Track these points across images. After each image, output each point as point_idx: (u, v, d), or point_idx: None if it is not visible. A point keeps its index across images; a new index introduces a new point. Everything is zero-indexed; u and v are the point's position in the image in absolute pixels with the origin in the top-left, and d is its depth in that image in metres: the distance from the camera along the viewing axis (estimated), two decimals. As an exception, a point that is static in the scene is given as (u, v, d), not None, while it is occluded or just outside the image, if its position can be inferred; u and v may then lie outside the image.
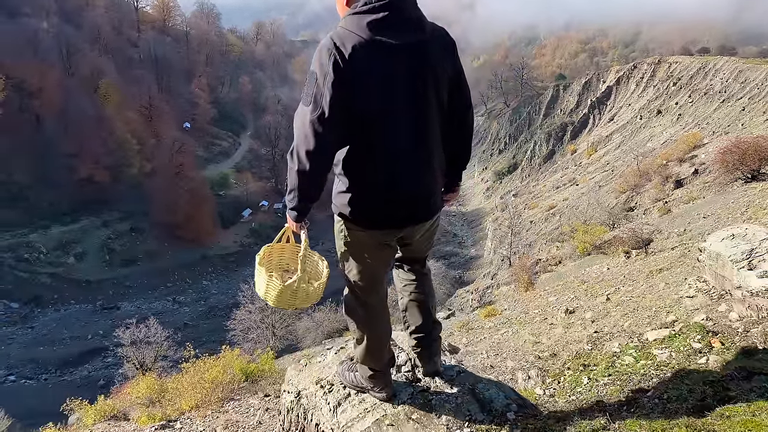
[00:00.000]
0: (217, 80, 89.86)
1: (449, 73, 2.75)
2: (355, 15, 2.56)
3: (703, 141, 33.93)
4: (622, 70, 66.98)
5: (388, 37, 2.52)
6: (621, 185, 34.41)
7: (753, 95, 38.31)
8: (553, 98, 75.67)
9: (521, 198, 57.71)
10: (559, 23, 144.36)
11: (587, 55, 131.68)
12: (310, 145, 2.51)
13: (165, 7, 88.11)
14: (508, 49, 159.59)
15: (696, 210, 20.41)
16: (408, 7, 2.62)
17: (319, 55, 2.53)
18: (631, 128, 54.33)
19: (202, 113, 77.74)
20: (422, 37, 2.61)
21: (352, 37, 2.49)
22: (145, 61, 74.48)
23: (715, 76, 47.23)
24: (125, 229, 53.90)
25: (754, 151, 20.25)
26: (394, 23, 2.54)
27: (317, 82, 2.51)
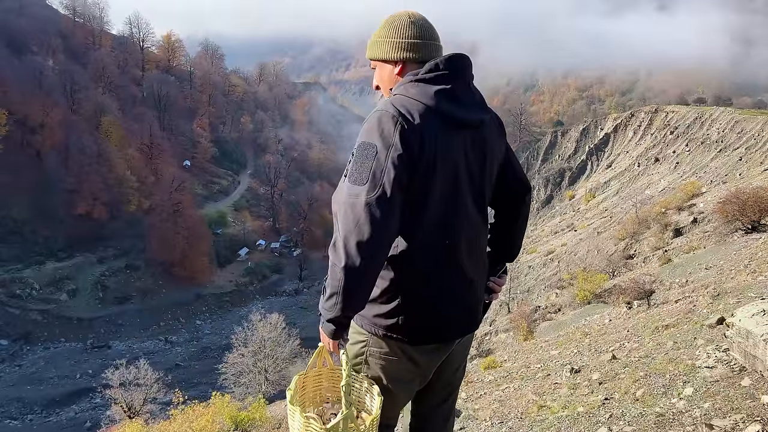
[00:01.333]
0: (218, 119, 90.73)
1: (502, 157, 2.44)
2: (419, 82, 2.19)
3: (701, 190, 34.04)
4: (619, 118, 67.84)
5: (458, 111, 2.19)
6: (620, 232, 34.32)
7: (750, 145, 38.68)
8: (551, 144, 76.33)
9: (519, 242, 57.43)
10: (558, 70, 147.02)
11: (585, 102, 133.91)
12: (365, 234, 1.97)
13: (170, 47, 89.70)
14: (506, 94, 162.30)
15: (697, 260, 20.22)
16: (471, 81, 2.33)
17: (379, 124, 2.10)
18: (629, 175, 54.64)
19: (202, 152, 78.19)
20: (484, 115, 2.30)
21: (418, 106, 2.13)
22: (148, 100, 75.31)
23: (711, 126, 47.78)
24: (120, 266, 53.45)
25: (753, 202, 20.23)
26: (460, 96, 2.22)
27: (377, 156, 2.05)
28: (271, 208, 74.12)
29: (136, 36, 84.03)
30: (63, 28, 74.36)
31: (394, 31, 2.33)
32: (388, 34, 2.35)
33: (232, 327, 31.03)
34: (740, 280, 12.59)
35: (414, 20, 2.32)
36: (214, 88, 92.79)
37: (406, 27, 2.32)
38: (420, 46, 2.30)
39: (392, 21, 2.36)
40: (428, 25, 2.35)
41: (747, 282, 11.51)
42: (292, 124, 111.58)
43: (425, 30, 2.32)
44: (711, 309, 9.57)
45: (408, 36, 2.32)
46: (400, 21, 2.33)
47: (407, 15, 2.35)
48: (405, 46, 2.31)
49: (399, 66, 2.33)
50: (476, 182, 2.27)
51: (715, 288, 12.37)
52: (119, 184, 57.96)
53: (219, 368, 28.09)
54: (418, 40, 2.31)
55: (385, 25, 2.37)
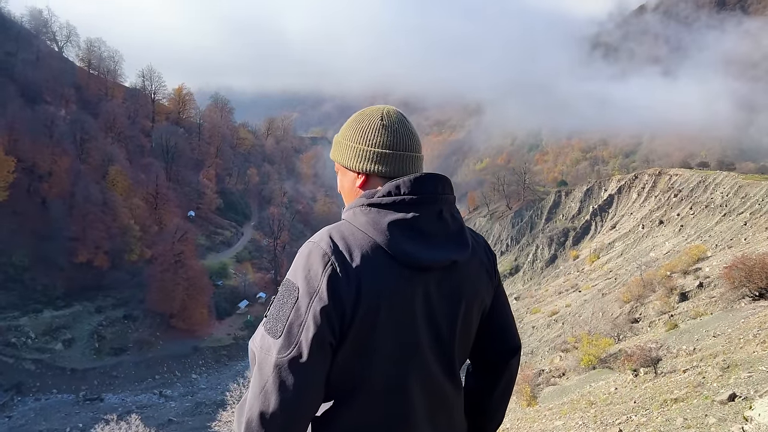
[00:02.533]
0: (225, 171, 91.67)
1: (487, 305, 1.94)
2: (373, 208, 1.73)
3: (706, 254, 33.76)
4: (623, 180, 68.26)
5: (418, 250, 1.69)
6: (625, 295, 33.87)
7: (754, 210, 38.62)
8: (555, 203, 76.59)
9: (523, 302, 56.86)
10: (562, 131, 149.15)
11: (588, 163, 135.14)
12: (270, 406, 1.56)
13: (181, 100, 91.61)
14: (511, 153, 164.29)
15: (704, 327, 19.81)
16: (447, 207, 1.81)
17: (306, 262, 1.66)
18: (633, 237, 54.46)
19: (207, 202, 78.65)
20: (461, 255, 1.79)
21: (363, 241, 1.67)
22: (156, 150, 76.33)
23: (715, 189, 47.92)
24: (118, 316, 52.84)
25: (760, 268, 20.02)
26: (426, 229, 1.73)
27: (297, 304, 1.62)
28: (273, 260, 73.84)
29: (148, 88, 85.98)
30: (77, 79, 76.19)
31: (360, 134, 1.88)
32: (352, 137, 1.91)
33: (227, 382, 30.28)
34: (750, 350, 12.23)
35: (386, 123, 1.86)
36: (222, 141, 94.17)
37: (375, 131, 1.86)
38: (389, 158, 1.84)
39: (360, 120, 1.92)
40: (405, 129, 1.88)
41: (757, 354, 11.17)
42: (297, 177, 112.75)
43: (399, 137, 1.85)
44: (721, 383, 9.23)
45: (375, 143, 1.86)
46: (369, 122, 1.88)
47: (380, 115, 1.89)
48: (369, 156, 1.85)
49: (361, 178, 1.89)
50: (443, 339, 1.79)
51: (724, 359, 12.01)
52: (122, 233, 58.01)
53: (212, 426, 27.28)
54: (387, 150, 1.84)
55: (352, 123, 1.93)
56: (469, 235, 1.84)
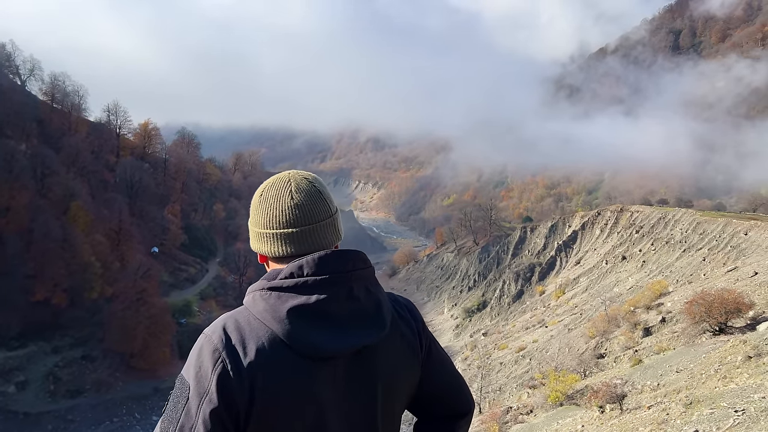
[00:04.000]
0: (190, 206, 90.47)
1: (413, 382, 1.81)
2: (273, 292, 1.61)
3: (668, 289, 34.46)
4: (586, 216, 69.66)
5: (321, 339, 1.57)
6: (590, 330, 34.18)
7: (712, 246, 39.71)
8: (521, 239, 77.57)
9: (491, 337, 56.87)
10: (527, 168, 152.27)
11: (553, 199, 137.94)
12: None
13: (147, 135, 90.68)
14: (477, 189, 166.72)
15: (667, 362, 20.05)
16: (360, 284, 1.68)
17: (198, 356, 1.57)
18: (597, 272, 55.33)
19: (172, 238, 77.27)
20: (375, 337, 1.66)
21: (259, 332, 1.55)
22: (120, 185, 75.01)
23: (675, 226, 49.22)
24: (76, 357, 50.92)
25: (719, 303, 20.48)
26: (335, 313, 1.60)
27: (188, 404, 1.52)
28: (238, 297, 72.56)
29: (113, 123, 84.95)
30: (40, 113, 74.83)
31: (260, 209, 1.75)
32: (254, 211, 1.78)
33: (189, 425, 29.24)
34: (711, 386, 12.42)
35: (294, 195, 1.70)
36: (188, 176, 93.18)
37: (276, 207, 1.71)
38: (291, 239, 1.68)
39: (263, 193, 1.77)
40: (313, 201, 1.71)
41: (718, 389, 11.34)
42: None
43: (306, 211, 1.69)
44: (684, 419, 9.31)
45: (273, 223, 1.70)
46: (275, 195, 1.74)
47: (286, 186, 1.74)
48: (268, 237, 1.72)
49: (264, 258, 1.79)
50: (360, 428, 1.67)
51: (687, 394, 12.14)
52: (83, 270, 56.35)
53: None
54: (291, 230, 1.68)
55: (257, 196, 1.79)
56: (388, 309, 1.71)
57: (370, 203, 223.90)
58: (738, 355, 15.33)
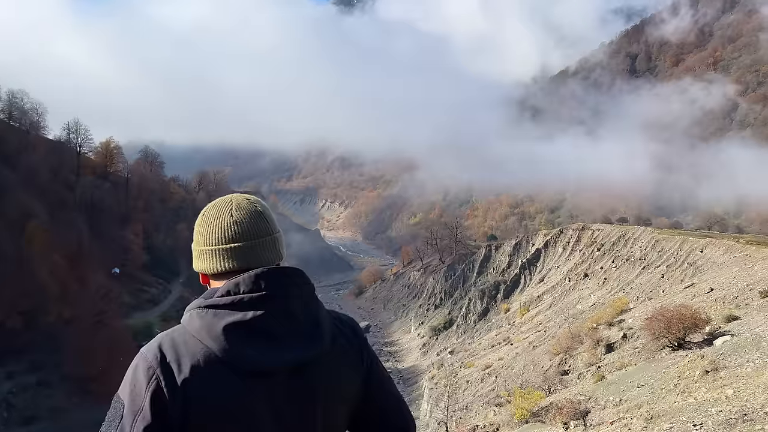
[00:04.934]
0: (153, 226, 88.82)
1: (357, 394, 1.83)
2: (210, 309, 1.62)
3: (629, 306, 35.18)
4: (549, 234, 70.86)
5: (258, 355, 1.58)
6: (554, 347, 34.62)
7: (670, 263, 40.80)
8: (486, 257, 78.34)
9: (457, 356, 57.05)
10: (491, 187, 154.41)
11: (516, 218, 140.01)
12: None
13: (108, 153, 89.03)
14: (443, 208, 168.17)
15: (629, 378, 20.43)
16: (298, 301, 1.70)
17: (134, 374, 1.60)
18: (560, 290, 56.18)
19: (133, 259, 75.65)
20: (314, 353, 1.67)
21: (195, 349, 1.56)
22: (80, 205, 73.25)
23: (634, 244, 50.44)
24: (31, 382, 49.05)
25: (678, 319, 21.03)
26: (271, 330, 1.62)
27: (122, 422, 1.54)
28: (202, 318, 71.33)
29: (73, 141, 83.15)
30: (-4, 131, 72.88)
31: (201, 228, 1.80)
32: (195, 231, 1.84)
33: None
34: (671, 401, 12.72)
35: (233, 213, 1.75)
36: (151, 195, 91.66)
37: (215, 224, 1.76)
38: (228, 254, 1.72)
39: (205, 212, 1.83)
40: (251, 219, 1.75)
41: (678, 404, 11.63)
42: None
43: (245, 227, 1.73)
44: (645, 434, 9.53)
45: (212, 240, 1.74)
46: (215, 213, 1.79)
47: (227, 205, 1.80)
48: (207, 253, 1.76)
49: (201, 274, 1.83)
50: None
51: (647, 410, 12.41)
52: (40, 291, 54.59)
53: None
54: (229, 245, 1.72)
55: (199, 216, 1.85)
56: (328, 325, 1.74)
57: (336, 222, 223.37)
58: (696, 369, 15.75)
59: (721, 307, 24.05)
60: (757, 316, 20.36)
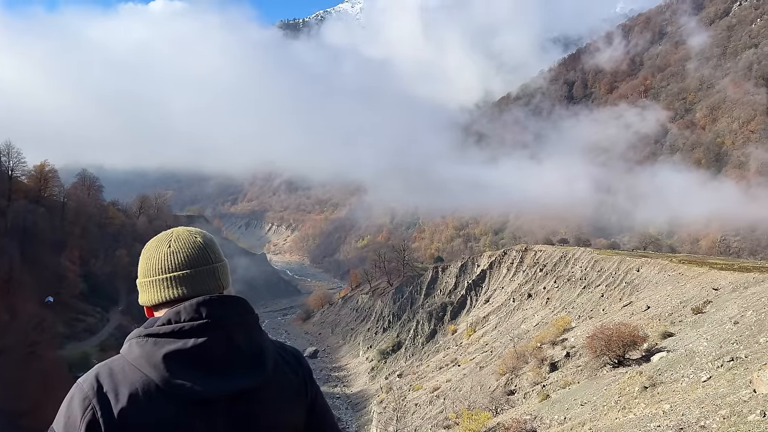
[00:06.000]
0: (90, 252, 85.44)
1: (299, 424, 1.83)
2: (150, 338, 1.60)
3: (571, 325, 36.09)
4: (494, 256, 72.16)
5: (199, 383, 1.56)
6: (500, 367, 35.05)
7: (609, 283, 42.17)
8: (433, 279, 78.94)
9: (406, 379, 56.90)
10: (437, 210, 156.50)
11: (462, 240, 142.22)
12: None
13: (42, 177, 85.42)
14: (390, 230, 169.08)
15: (573, 395, 20.87)
16: (241, 330, 1.69)
17: (69, 406, 1.59)
18: (505, 310, 57.12)
19: (69, 286, 72.39)
20: (255, 380, 1.66)
21: (133, 378, 1.54)
22: (11, 231, 69.76)
23: (575, 264, 51.95)
24: (-46, 420, 45.90)
25: (617, 337, 21.70)
26: (213, 358, 1.60)
27: None
28: (143, 347, 68.72)
29: (5, 165, 79.45)
30: None
31: (143, 261, 1.81)
32: (139, 266, 1.84)
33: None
34: (612, 417, 13.06)
35: (172, 244, 1.77)
36: (89, 220, 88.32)
37: (154, 256, 1.77)
38: (167, 283, 1.73)
39: (146, 246, 1.85)
40: (190, 249, 1.76)
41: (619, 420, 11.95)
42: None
43: (182, 257, 1.75)
44: (587, 451, 9.74)
45: (152, 271, 1.76)
46: (155, 246, 1.81)
47: (167, 238, 1.82)
48: (148, 284, 1.77)
49: (146, 308, 1.83)
50: None
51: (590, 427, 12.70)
52: (-35, 323, 51.45)
53: None
54: (167, 275, 1.73)
55: (142, 251, 1.86)
56: (271, 354, 1.74)
57: (283, 246, 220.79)
58: (635, 386, 16.26)
59: (658, 324, 24.98)
60: (691, 332, 21.24)
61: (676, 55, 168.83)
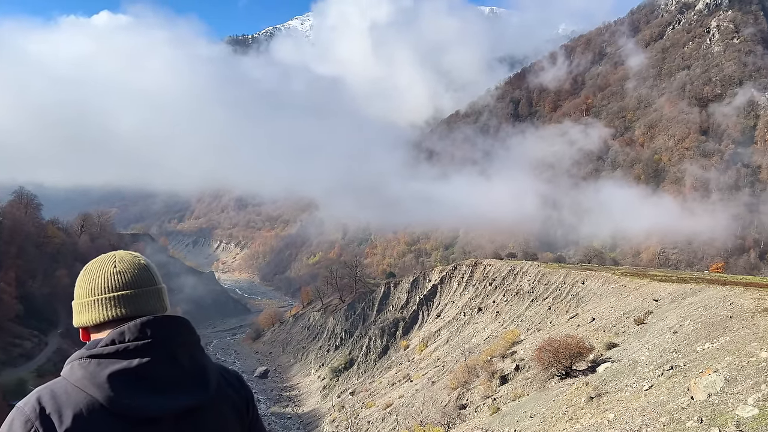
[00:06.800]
0: (28, 273, 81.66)
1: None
2: (93, 359, 1.60)
3: (520, 337, 36.67)
4: (444, 270, 72.82)
5: (144, 401, 1.56)
6: (452, 381, 35.22)
7: (556, 296, 43.14)
8: (385, 295, 78.94)
9: (358, 396, 56.44)
10: (389, 226, 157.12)
11: (413, 255, 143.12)
12: None
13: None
14: (342, 247, 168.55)
15: (522, 408, 21.14)
16: (185, 350, 1.71)
17: (9, 430, 1.54)
18: (456, 324, 57.58)
19: (4, 309, 68.86)
20: (200, 399, 1.68)
21: (77, 399, 1.52)
22: (-60, 251, 66.15)
23: (523, 278, 52.97)
24: None
25: (564, 349, 22.16)
26: (157, 377, 1.61)
27: None
28: (84, 371, 65.89)
29: (-66, 182, 75.54)
30: None
31: (83, 281, 1.80)
32: (77, 286, 1.84)
33: None
34: (560, 428, 13.28)
35: (117, 264, 1.77)
36: (26, 240, 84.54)
37: (99, 276, 1.77)
38: (113, 302, 1.73)
39: (87, 268, 1.84)
40: (135, 270, 1.78)
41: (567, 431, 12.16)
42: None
43: (129, 277, 1.76)
44: (536, 462, 9.85)
45: (96, 290, 1.75)
46: (99, 267, 1.81)
47: (110, 259, 1.82)
48: (91, 304, 1.75)
49: (82, 330, 1.81)
50: None
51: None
52: None
53: None
54: (114, 294, 1.73)
55: (81, 272, 1.85)
56: (214, 374, 1.77)
57: (232, 264, 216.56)
58: (582, 396, 16.61)
59: (602, 335, 25.67)
60: (634, 342, 21.90)
61: (615, 75, 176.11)
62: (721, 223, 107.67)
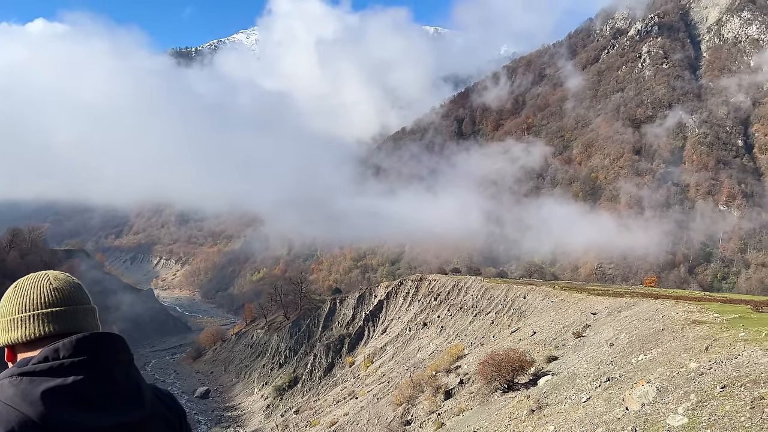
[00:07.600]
0: (-51, 291, 77.07)
1: None
2: (25, 377, 1.56)
3: (464, 352, 37.02)
4: (390, 286, 73.01)
5: (79, 418, 1.54)
6: (397, 397, 35.16)
7: (498, 310, 43.89)
8: (331, 311, 78.38)
9: (302, 415, 55.56)
10: (335, 241, 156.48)
11: (360, 270, 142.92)
12: None
13: None
14: (288, 263, 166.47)
15: (466, 422, 21.29)
16: (119, 367, 1.70)
17: None
18: (402, 340, 57.69)
19: None
20: (135, 416, 1.68)
21: (9, 417, 1.47)
22: None
23: (467, 292, 53.71)
24: None
25: (506, 362, 22.51)
26: (92, 394, 1.59)
27: None
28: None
29: None
30: None
31: (15, 297, 1.76)
32: (5, 303, 1.78)
33: None
34: (501, 442, 13.44)
35: (52, 281, 1.75)
36: (-51, 256, 79.75)
37: (34, 292, 1.74)
38: (49, 318, 1.70)
39: (18, 284, 1.81)
40: (71, 287, 1.77)
41: (507, 444, 12.32)
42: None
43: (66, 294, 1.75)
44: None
45: (31, 306, 1.72)
46: (32, 283, 1.78)
47: (44, 276, 1.80)
48: (23, 320, 1.71)
49: (7, 350, 1.76)
50: None
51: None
52: None
53: None
54: (50, 309, 1.71)
55: (9, 289, 1.81)
56: (148, 392, 1.77)
57: (173, 281, 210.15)
58: (524, 409, 16.87)
59: (543, 349, 26.22)
60: (573, 355, 22.47)
61: (554, 96, 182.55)
62: (654, 239, 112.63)
